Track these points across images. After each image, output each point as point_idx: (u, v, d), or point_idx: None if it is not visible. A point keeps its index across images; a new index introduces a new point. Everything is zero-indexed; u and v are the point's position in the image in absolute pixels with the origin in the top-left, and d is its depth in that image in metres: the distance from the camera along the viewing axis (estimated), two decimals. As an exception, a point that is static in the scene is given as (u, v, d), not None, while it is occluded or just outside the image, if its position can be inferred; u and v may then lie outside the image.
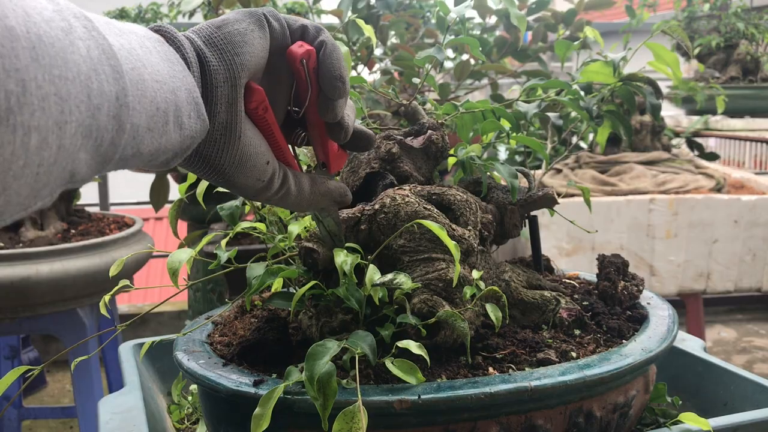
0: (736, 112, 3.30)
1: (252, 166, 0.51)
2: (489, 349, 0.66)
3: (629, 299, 0.78)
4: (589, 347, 0.67)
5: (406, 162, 0.76)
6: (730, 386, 0.82)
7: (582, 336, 0.70)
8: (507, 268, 0.77)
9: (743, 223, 2.09)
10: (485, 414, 0.58)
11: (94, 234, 1.69)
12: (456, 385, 0.57)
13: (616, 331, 0.71)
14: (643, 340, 0.67)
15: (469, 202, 0.72)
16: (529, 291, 0.75)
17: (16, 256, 1.48)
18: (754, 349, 3.23)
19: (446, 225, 0.67)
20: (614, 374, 0.60)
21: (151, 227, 4.64)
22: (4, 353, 1.99)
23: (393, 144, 0.75)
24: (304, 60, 0.53)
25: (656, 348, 0.65)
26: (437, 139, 0.77)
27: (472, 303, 0.66)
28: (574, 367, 0.60)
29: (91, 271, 1.54)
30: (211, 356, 0.67)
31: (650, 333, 0.69)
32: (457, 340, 0.64)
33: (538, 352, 0.65)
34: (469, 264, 0.69)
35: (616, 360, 0.62)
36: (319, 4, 2.14)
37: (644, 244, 2.05)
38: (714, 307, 3.60)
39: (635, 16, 2.60)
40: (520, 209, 0.80)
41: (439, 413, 0.56)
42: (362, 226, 0.68)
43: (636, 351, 0.64)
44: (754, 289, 2.18)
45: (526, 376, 0.59)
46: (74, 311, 1.60)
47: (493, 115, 0.81)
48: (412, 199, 0.68)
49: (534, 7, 2.05)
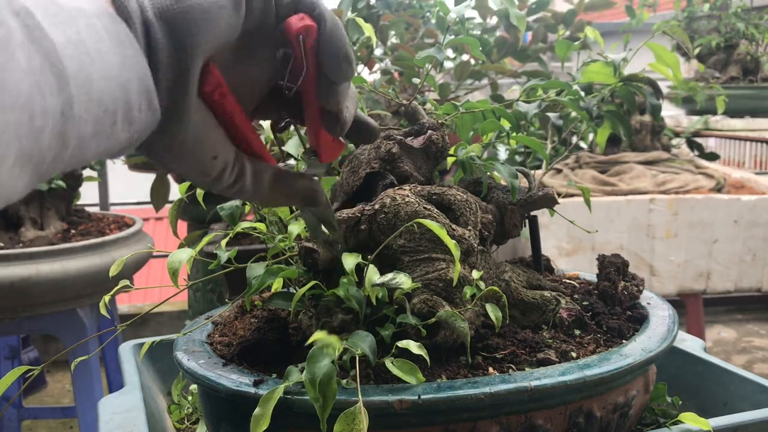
0: (736, 112, 3.30)
1: (195, 160, 0.45)
2: (489, 349, 0.66)
3: (629, 299, 0.78)
4: (589, 347, 0.67)
5: (406, 162, 0.76)
6: (730, 386, 0.82)
7: (582, 336, 0.70)
8: (507, 268, 0.77)
9: (743, 223, 2.09)
10: (485, 414, 0.58)
11: (94, 234, 1.69)
12: (456, 385, 0.57)
13: (616, 331, 0.70)
14: (643, 340, 0.67)
15: (469, 202, 0.72)
16: (529, 291, 0.75)
17: (16, 256, 1.48)
18: (754, 349, 3.23)
19: (446, 225, 0.68)
20: (614, 374, 0.60)
21: (151, 227, 4.64)
22: (4, 353, 1.99)
23: (393, 144, 0.75)
24: (301, 36, 0.47)
25: (656, 348, 0.65)
26: (437, 139, 0.77)
27: (472, 303, 0.66)
28: (574, 367, 0.60)
29: (91, 271, 1.54)
30: (211, 356, 0.67)
31: (650, 333, 0.69)
32: (457, 341, 0.64)
33: (538, 352, 0.65)
34: (469, 264, 0.69)
35: (616, 360, 0.62)
36: (319, 4, 2.14)
37: (644, 244, 2.05)
38: (714, 307, 3.60)
39: (635, 17, 2.60)
40: (520, 209, 0.80)
41: (439, 413, 0.56)
42: (362, 226, 0.68)
43: (636, 351, 0.64)
44: (754, 289, 2.18)
45: (526, 376, 0.59)
46: (74, 311, 1.60)
47: (493, 115, 0.81)
48: (412, 199, 0.68)
49: (534, 7, 2.05)
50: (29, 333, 2.00)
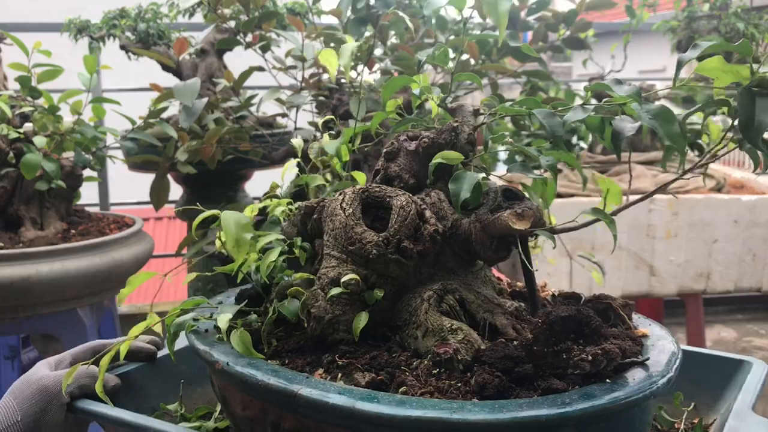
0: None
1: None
2: (347, 355, 0.68)
3: (572, 369, 0.60)
4: (422, 389, 0.61)
5: (398, 163, 0.80)
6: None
7: (440, 378, 0.63)
8: (460, 288, 0.73)
9: (743, 223, 2.09)
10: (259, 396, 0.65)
11: (94, 234, 1.69)
12: (255, 363, 0.66)
13: (479, 387, 0.60)
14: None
15: (404, 209, 0.72)
16: (438, 317, 0.69)
17: (16, 256, 1.48)
18: (754, 349, 3.23)
19: (351, 227, 0.72)
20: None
21: (151, 227, 4.64)
22: (4, 353, 1.99)
23: (392, 144, 0.80)
24: None
25: None
26: (425, 142, 0.79)
27: (327, 298, 0.70)
28: (345, 391, 0.59)
29: (91, 271, 1.54)
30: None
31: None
32: (326, 333, 0.70)
33: (375, 371, 0.64)
34: (375, 269, 0.71)
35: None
36: (318, 4, 2.14)
37: (644, 244, 2.05)
38: (714, 307, 3.60)
39: (635, 16, 2.59)
40: (482, 230, 0.72)
41: (239, 383, 0.66)
42: (315, 215, 0.77)
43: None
44: (754, 289, 2.18)
45: (293, 377, 0.63)
46: (74, 311, 1.60)
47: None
48: (344, 199, 0.74)
49: (534, 7, 2.05)
50: (29, 333, 1.99)
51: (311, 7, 2.12)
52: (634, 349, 0.65)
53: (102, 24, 2.19)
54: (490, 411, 0.54)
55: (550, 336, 0.61)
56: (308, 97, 1.88)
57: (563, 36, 2.14)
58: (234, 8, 1.95)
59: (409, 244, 0.70)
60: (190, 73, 2.11)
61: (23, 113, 1.69)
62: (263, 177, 2.37)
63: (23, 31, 2.43)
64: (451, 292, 0.73)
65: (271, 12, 1.96)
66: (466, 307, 0.72)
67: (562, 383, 0.59)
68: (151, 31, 2.16)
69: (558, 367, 0.60)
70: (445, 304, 0.72)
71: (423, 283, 0.73)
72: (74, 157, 1.70)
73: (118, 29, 2.16)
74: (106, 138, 1.85)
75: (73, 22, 2.20)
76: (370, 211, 0.75)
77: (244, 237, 0.72)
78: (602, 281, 1.34)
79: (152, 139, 1.82)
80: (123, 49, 2.17)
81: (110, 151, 1.99)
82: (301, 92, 1.88)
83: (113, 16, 2.19)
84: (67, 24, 2.21)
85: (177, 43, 2.02)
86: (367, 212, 0.75)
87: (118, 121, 1.83)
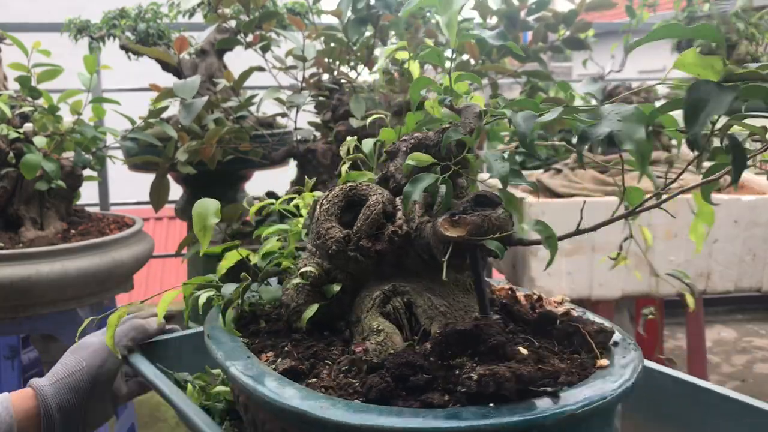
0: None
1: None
2: (295, 342, 0.73)
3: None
4: (327, 384, 0.64)
5: (396, 162, 0.81)
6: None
7: (347, 376, 0.65)
8: (422, 291, 0.73)
9: (743, 223, 2.09)
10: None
11: (94, 234, 1.69)
12: (222, 340, 0.74)
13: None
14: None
15: (370, 208, 0.75)
16: (378, 318, 0.70)
17: (16, 256, 1.48)
18: (754, 349, 3.23)
19: (321, 222, 0.77)
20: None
21: (151, 227, 4.64)
22: (4, 353, 1.99)
23: (393, 144, 0.81)
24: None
25: None
26: (411, 143, 0.80)
27: (293, 287, 0.76)
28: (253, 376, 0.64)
29: (91, 271, 1.54)
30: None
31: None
32: (291, 320, 0.76)
33: (300, 359, 0.68)
34: (337, 266, 0.76)
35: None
36: (318, 4, 2.14)
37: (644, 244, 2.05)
38: (714, 307, 3.60)
39: (635, 16, 2.59)
40: (434, 235, 0.69)
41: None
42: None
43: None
44: (754, 289, 2.18)
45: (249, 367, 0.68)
46: (74, 311, 1.60)
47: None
48: (329, 196, 0.79)
49: (534, 7, 2.05)
50: (29, 333, 1.99)
51: (311, 7, 2.12)
52: (543, 377, 0.57)
53: (102, 24, 2.19)
54: (346, 410, 0.56)
55: (445, 348, 0.60)
56: (308, 97, 1.88)
57: (563, 36, 2.14)
58: (234, 8, 1.95)
59: (367, 243, 0.73)
60: (190, 73, 2.11)
61: (23, 113, 1.69)
62: (263, 177, 2.37)
63: (23, 31, 2.43)
64: (400, 294, 0.72)
65: (271, 12, 1.96)
66: (412, 311, 0.72)
67: (441, 398, 0.57)
68: (151, 31, 2.16)
69: (449, 382, 0.58)
70: (390, 305, 0.72)
71: (381, 283, 0.74)
72: (74, 157, 1.70)
73: (118, 29, 2.16)
74: (106, 138, 1.85)
75: (73, 22, 2.20)
76: (358, 208, 0.78)
77: (209, 223, 0.76)
78: (693, 304, 1.27)
79: (152, 139, 1.82)
80: (123, 49, 2.17)
81: (110, 151, 1.99)
82: (301, 92, 1.88)
83: (113, 16, 2.19)
84: (67, 24, 2.21)
85: (177, 41, 2.02)
86: (356, 209, 0.78)
87: (118, 121, 1.83)
